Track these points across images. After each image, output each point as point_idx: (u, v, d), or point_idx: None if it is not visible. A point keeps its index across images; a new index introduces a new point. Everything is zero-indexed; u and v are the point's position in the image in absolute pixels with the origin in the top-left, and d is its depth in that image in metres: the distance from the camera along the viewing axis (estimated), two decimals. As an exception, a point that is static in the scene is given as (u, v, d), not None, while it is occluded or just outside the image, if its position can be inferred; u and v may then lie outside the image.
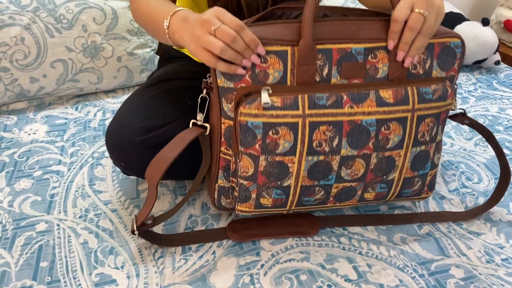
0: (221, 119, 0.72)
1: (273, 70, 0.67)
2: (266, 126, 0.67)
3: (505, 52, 1.60)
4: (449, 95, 0.73)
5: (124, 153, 0.81)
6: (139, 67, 1.27)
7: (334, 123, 0.68)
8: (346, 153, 0.70)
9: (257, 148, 0.68)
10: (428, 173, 0.78)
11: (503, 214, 0.88)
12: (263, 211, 0.76)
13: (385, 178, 0.74)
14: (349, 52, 0.68)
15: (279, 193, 0.72)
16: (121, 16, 1.21)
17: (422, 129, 0.72)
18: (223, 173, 0.76)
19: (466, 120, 0.84)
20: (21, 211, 0.88)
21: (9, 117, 1.17)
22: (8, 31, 1.12)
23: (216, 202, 0.81)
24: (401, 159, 0.73)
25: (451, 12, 1.53)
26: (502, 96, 1.30)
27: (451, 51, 0.73)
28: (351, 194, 0.75)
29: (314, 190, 0.73)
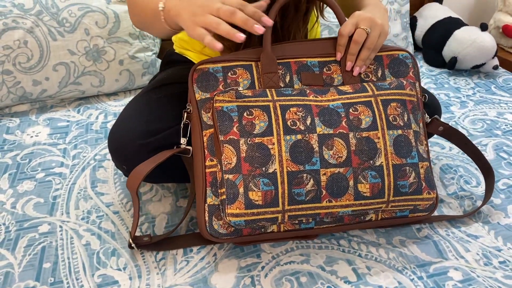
0: (202, 133, 0.76)
1: (242, 79, 0.77)
2: (240, 109, 0.73)
3: (503, 57, 1.61)
4: (406, 85, 0.80)
5: (126, 156, 0.82)
6: (141, 70, 1.28)
7: (303, 106, 0.75)
8: (322, 131, 0.73)
9: (235, 131, 0.72)
10: (419, 164, 0.77)
11: (501, 218, 0.89)
12: (255, 212, 0.71)
13: (372, 163, 0.74)
14: (305, 64, 0.80)
15: (266, 182, 0.71)
16: (123, 20, 1.23)
17: (392, 112, 0.76)
18: (211, 189, 0.75)
19: (440, 126, 0.88)
20: (24, 212, 0.89)
21: (11, 120, 1.18)
22: (11, 34, 1.13)
23: (208, 227, 0.75)
24: (381, 141, 0.75)
25: (450, 17, 1.54)
26: (500, 100, 1.32)
27: (401, 61, 0.83)
28: (343, 185, 0.73)
29: (302, 177, 0.71)
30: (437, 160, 1.05)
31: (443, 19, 1.54)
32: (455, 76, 1.47)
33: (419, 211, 0.82)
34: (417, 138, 0.79)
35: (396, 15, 1.50)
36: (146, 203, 0.92)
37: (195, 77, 0.77)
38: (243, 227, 0.74)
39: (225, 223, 0.75)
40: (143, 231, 0.85)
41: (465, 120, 1.22)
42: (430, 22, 1.57)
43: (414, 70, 0.84)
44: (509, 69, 1.55)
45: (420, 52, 1.62)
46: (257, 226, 0.75)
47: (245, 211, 0.71)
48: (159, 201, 0.92)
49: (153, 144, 0.80)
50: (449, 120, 1.22)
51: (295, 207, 0.72)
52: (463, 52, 1.42)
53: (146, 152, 0.80)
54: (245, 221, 0.72)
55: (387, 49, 0.84)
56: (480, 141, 1.13)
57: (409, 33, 1.56)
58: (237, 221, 0.72)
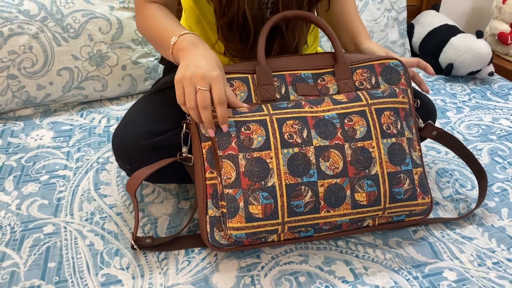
0: (201, 145, 0.78)
1: (239, 91, 0.80)
2: (238, 124, 0.75)
3: (499, 64, 1.64)
4: (399, 93, 0.82)
5: (130, 156, 0.84)
6: (143, 76, 1.30)
7: (299, 118, 0.77)
8: (318, 143, 0.75)
9: (234, 146, 0.74)
10: (413, 170, 0.79)
11: (495, 220, 0.91)
12: (255, 225, 0.73)
13: (368, 172, 0.76)
14: (299, 75, 0.83)
15: (266, 196, 0.72)
16: (126, 26, 1.25)
17: (385, 121, 0.78)
18: (212, 201, 0.77)
19: (434, 131, 0.90)
20: (28, 214, 0.91)
21: (16, 123, 1.21)
22: (17, 40, 1.15)
23: (210, 238, 0.77)
24: (376, 150, 0.77)
25: (446, 25, 1.57)
26: (496, 106, 1.34)
27: (392, 69, 0.86)
28: (340, 195, 0.75)
29: (301, 189, 0.73)
30: (433, 164, 1.08)
31: (440, 27, 1.57)
32: (451, 82, 1.49)
33: (415, 215, 0.85)
34: (411, 145, 0.81)
35: (394, 22, 1.53)
36: (149, 205, 0.94)
37: None
38: (244, 239, 0.75)
39: (226, 234, 0.77)
40: (146, 232, 0.87)
41: (461, 125, 1.24)
42: (427, 29, 1.60)
43: (405, 77, 0.87)
44: (505, 76, 1.58)
45: (417, 59, 1.65)
46: (257, 237, 0.77)
47: (246, 224, 0.73)
48: (161, 203, 0.94)
49: (156, 145, 0.82)
50: (445, 125, 1.24)
51: (295, 218, 0.74)
52: (459, 59, 1.45)
53: (149, 152, 0.82)
54: (246, 233, 0.73)
55: (378, 59, 0.87)
56: (475, 146, 1.15)
57: (406, 40, 1.59)
58: (238, 234, 0.73)
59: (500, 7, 1.68)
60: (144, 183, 0.99)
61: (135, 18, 0.90)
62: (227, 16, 0.84)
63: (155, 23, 0.83)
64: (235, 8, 0.83)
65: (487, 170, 1.06)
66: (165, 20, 0.83)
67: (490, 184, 1.01)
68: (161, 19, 0.83)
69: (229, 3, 0.83)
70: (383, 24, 1.50)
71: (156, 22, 0.83)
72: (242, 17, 0.84)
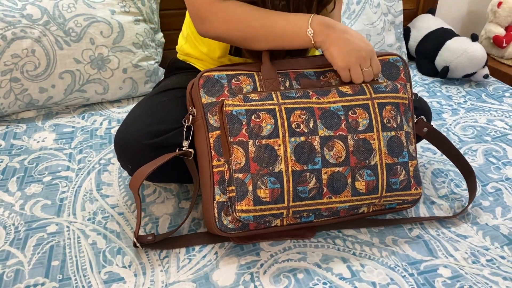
0: (208, 135, 0.81)
1: (245, 85, 0.83)
2: (248, 112, 0.78)
3: (494, 66, 1.66)
4: (400, 89, 0.87)
5: (132, 155, 0.86)
6: (144, 78, 1.33)
7: (306, 109, 0.80)
8: (323, 133, 0.79)
9: (244, 133, 0.77)
10: (409, 162, 0.84)
11: (489, 219, 0.93)
12: (262, 208, 0.77)
13: (368, 162, 0.80)
14: (302, 73, 0.87)
15: (273, 181, 0.76)
16: (127, 30, 1.27)
17: (386, 115, 0.82)
18: (219, 187, 0.80)
19: (425, 127, 0.93)
20: (32, 214, 0.92)
21: (18, 126, 1.22)
22: (20, 44, 1.18)
23: (218, 223, 0.81)
24: (376, 142, 0.81)
25: (442, 28, 1.60)
26: (491, 108, 1.37)
27: (392, 65, 0.91)
28: (342, 183, 0.79)
29: (306, 176, 0.78)
30: (428, 165, 1.10)
31: (436, 30, 1.60)
32: (447, 84, 1.52)
33: (405, 204, 0.90)
34: (408, 139, 0.86)
35: (390, 26, 1.55)
36: (150, 204, 0.96)
37: (201, 83, 0.82)
38: (251, 222, 0.79)
39: (234, 218, 0.80)
40: (147, 231, 0.89)
41: (456, 127, 1.27)
42: (423, 32, 1.62)
43: (405, 72, 0.91)
44: (500, 78, 1.60)
45: (413, 62, 1.67)
46: (263, 221, 0.80)
47: (254, 207, 0.77)
48: (162, 202, 0.96)
49: (157, 144, 0.84)
50: (441, 127, 1.27)
51: (299, 203, 0.78)
52: (454, 62, 1.47)
53: (151, 152, 0.84)
54: (253, 216, 0.77)
55: (378, 55, 0.90)
56: (470, 147, 1.17)
57: (402, 43, 1.62)
58: (246, 216, 0.77)
59: (495, 11, 1.71)
60: (145, 183, 1.01)
61: (205, 24, 0.86)
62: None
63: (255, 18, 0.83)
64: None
65: (482, 170, 1.08)
66: (262, 12, 0.83)
67: (484, 184, 1.04)
68: (257, 12, 0.83)
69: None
70: (379, 27, 1.52)
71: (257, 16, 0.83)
72: None
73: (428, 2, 1.74)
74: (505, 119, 1.30)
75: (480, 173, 1.07)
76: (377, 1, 1.51)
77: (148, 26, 1.33)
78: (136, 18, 1.30)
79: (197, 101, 0.82)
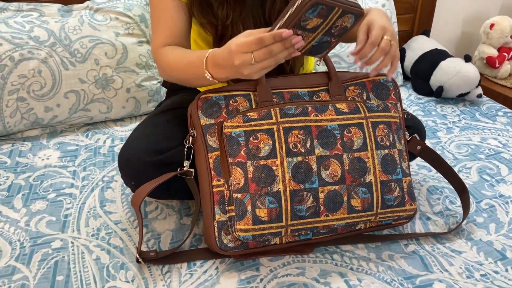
0: (207, 155, 0.83)
1: (243, 107, 0.85)
2: (246, 134, 0.81)
3: (487, 86, 1.71)
4: (391, 108, 0.90)
5: (135, 173, 0.89)
6: (146, 98, 1.36)
7: (304, 128, 0.82)
8: (320, 153, 0.82)
9: (243, 155, 0.80)
10: (402, 179, 0.87)
11: (483, 235, 0.96)
12: (261, 227, 0.79)
13: (363, 180, 0.83)
14: (296, 93, 0.89)
15: (271, 200, 0.79)
16: (130, 51, 1.31)
17: (379, 134, 0.86)
18: (219, 207, 0.83)
19: (418, 145, 0.96)
20: (37, 230, 0.95)
21: (23, 144, 1.25)
22: (27, 64, 1.21)
23: (218, 242, 0.82)
24: (370, 161, 0.84)
25: (436, 49, 1.64)
26: (484, 126, 1.40)
27: (383, 85, 0.94)
28: (338, 201, 0.82)
29: (303, 195, 0.80)
30: (424, 182, 1.12)
31: (430, 51, 1.65)
32: (442, 104, 1.55)
33: (401, 219, 0.92)
34: (401, 156, 0.89)
35: (386, 47, 1.60)
36: (152, 221, 0.98)
37: (199, 105, 0.85)
38: (250, 241, 0.81)
39: (233, 237, 0.82)
40: (150, 246, 0.91)
41: (451, 145, 1.30)
42: (418, 53, 1.67)
43: (395, 92, 0.95)
44: (493, 98, 1.64)
45: (409, 81, 1.71)
46: (262, 239, 0.82)
47: (253, 226, 0.79)
48: (164, 219, 0.99)
49: (160, 162, 0.87)
50: (436, 145, 1.30)
51: (297, 222, 0.81)
52: (448, 82, 1.52)
53: (154, 169, 0.87)
54: (253, 235, 0.79)
55: (369, 77, 0.93)
56: (464, 165, 1.20)
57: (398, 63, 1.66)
58: (245, 235, 0.79)
59: (487, 32, 1.76)
60: (147, 200, 1.04)
61: (158, 69, 0.93)
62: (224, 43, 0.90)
63: (179, 61, 0.85)
64: (229, 37, 0.89)
65: (476, 188, 1.11)
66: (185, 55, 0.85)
67: (478, 200, 1.06)
68: (182, 54, 0.86)
69: (224, 31, 0.89)
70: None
71: (179, 59, 0.86)
72: None
73: (422, 24, 1.79)
74: (498, 137, 1.34)
75: (474, 190, 1.10)
76: (373, 23, 1.55)
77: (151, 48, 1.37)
78: (140, 40, 1.34)
79: (196, 122, 0.85)
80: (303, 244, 0.89)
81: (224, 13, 0.87)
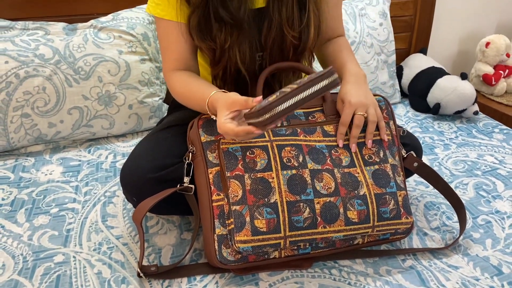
0: (207, 171, 0.86)
1: None
2: (243, 149, 0.85)
3: (484, 103, 1.73)
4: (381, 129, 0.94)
5: (137, 189, 0.91)
6: (148, 114, 1.39)
7: (295, 145, 0.88)
8: (312, 167, 0.85)
9: (240, 168, 0.83)
10: (397, 193, 0.90)
11: (479, 250, 0.97)
12: (260, 238, 0.81)
13: (357, 193, 0.86)
14: (292, 113, 0.88)
15: (269, 211, 0.81)
16: (133, 69, 1.34)
17: (366, 152, 0.90)
18: (219, 221, 0.85)
19: (415, 162, 0.98)
20: (40, 244, 0.96)
21: (27, 159, 1.27)
22: (32, 81, 1.24)
23: (218, 255, 0.84)
24: (361, 176, 0.87)
25: (433, 67, 1.68)
26: (481, 143, 1.42)
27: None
28: (334, 212, 0.84)
29: (300, 206, 0.82)
30: (421, 198, 1.14)
31: (427, 69, 1.68)
32: (439, 120, 1.58)
33: (398, 234, 0.94)
34: (395, 170, 0.92)
35: (383, 65, 1.63)
36: (153, 235, 0.99)
37: (200, 124, 0.89)
38: (250, 253, 0.83)
39: (233, 250, 0.83)
40: (150, 261, 0.93)
41: (448, 161, 1.32)
42: (415, 71, 1.70)
43: (387, 110, 0.98)
44: (490, 114, 1.67)
45: (406, 99, 1.74)
46: (261, 252, 0.83)
47: (252, 237, 0.81)
48: (164, 234, 1.00)
49: (161, 178, 0.89)
50: (433, 161, 1.32)
51: (295, 233, 0.82)
52: (445, 99, 1.54)
53: (155, 185, 0.89)
54: (252, 247, 0.81)
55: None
56: (461, 181, 1.22)
57: (396, 81, 1.69)
58: (245, 247, 0.81)
59: (483, 51, 1.79)
60: (148, 215, 1.05)
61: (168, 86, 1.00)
62: (220, 66, 0.94)
63: (186, 90, 0.93)
64: (226, 60, 0.93)
65: (473, 203, 1.12)
66: (192, 85, 0.92)
67: (475, 216, 1.08)
68: (189, 84, 0.92)
69: (221, 55, 0.93)
70: (373, 66, 1.60)
71: (186, 88, 0.93)
72: (235, 67, 0.94)
73: (419, 42, 1.83)
74: (495, 154, 1.36)
75: (471, 206, 1.11)
76: (370, 42, 1.59)
77: (153, 65, 1.40)
78: (142, 58, 1.37)
79: (196, 140, 0.88)
80: (301, 258, 0.90)
81: (222, 38, 0.90)
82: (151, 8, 0.94)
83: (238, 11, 0.89)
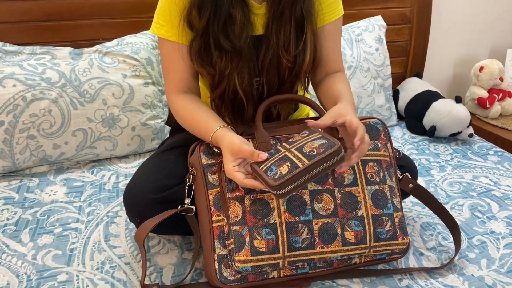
0: (207, 192, 0.89)
1: None
2: None
3: (479, 126, 1.77)
4: (381, 148, 0.97)
5: (140, 209, 0.93)
6: (151, 136, 1.42)
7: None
8: (312, 187, 0.87)
9: (240, 189, 0.86)
10: (393, 214, 0.92)
11: (474, 270, 0.99)
12: (259, 259, 0.83)
13: (355, 214, 0.88)
14: (291, 137, 0.92)
15: (268, 232, 0.84)
16: (137, 92, 1.38)
17: (369, 171, 0.91)
18: (219, 241, 0.87)
19: (410, 184, 1.00)
20: (43, 263, 0.98)
21: (31, 180, 1.30)
22: (38, 104, 1.28)
23: (218, 275, 0.86)
24: (361, 195, 0.89)
25: (428, 90, 1.72)
26: (476, 165, 1.45)
27: (372, 127, 1.00)
28: (332, 233, 0.86)
29: (298, 227, 0.85)
30: (418, 219, 1.16)
31: (423, 92, 1.72)
32: (435, 143, 1.61)
33: (395, 254, 0.96)
34: (392, 192, 0.94)
35: (380, 89, 1.67)
36: (155, 255, 1.01)
37: (202, 148, 0.92)
38: (249, 273, 0.85)
39: (233, 270, 0.85)
40: (152, 280, 0.94)
41: (443, 183, 1.34)
42: (411, 94, 1.74)
43: (384, 133, 1.01)
44: (485, 137, 1.70)
45: (403, 121, 1.78)
46: (261, 272, 0.85)
47: (251, 257, 0.82)
48: (166, 253, 1.02)
49: (164, 199, 0.92)
50: (429, 183, 1.34)
51: (294, 253, 0.84)
52: (440, 122, 1.58)
53: (158, 206, 0.91)
54: (251, 267, 0.83)
55: (360, 119, 0.98)
56: (457, 202, 1.25)
57: (392, 104, 1.73)
58: (244, 267, 0.83)
59: (477, 75, 1.84)
60: (150, 235, 1.07)
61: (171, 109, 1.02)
62: (219, 90, 0.98)
63: (189, 117, 0.95)
64: (225, 84, 0.96)
65: (468, 224, 1.15)
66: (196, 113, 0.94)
67: (470, 236, 1.10)
68: (193, 111, 0.95)
69: (221, 80, 0.96)
70: (370, 90, 1.64)
71: (190, 115, 0.95)
72: (233, 91, 0.98)
73: (415, 66, 1.88)
74: (489, 175, 1.38)
75: (466, 226, 1.14)
76: (367, 66, 1.63)
77: (156, 88, 1.44)
78: (146, 81, 1.41)
79: (197, 163, 0.91)
80: (300, 278, 0.92)
81: (223, 65, 0.94)
82: (155, 29, 0.98)
83: (239, 39, 0.92)
